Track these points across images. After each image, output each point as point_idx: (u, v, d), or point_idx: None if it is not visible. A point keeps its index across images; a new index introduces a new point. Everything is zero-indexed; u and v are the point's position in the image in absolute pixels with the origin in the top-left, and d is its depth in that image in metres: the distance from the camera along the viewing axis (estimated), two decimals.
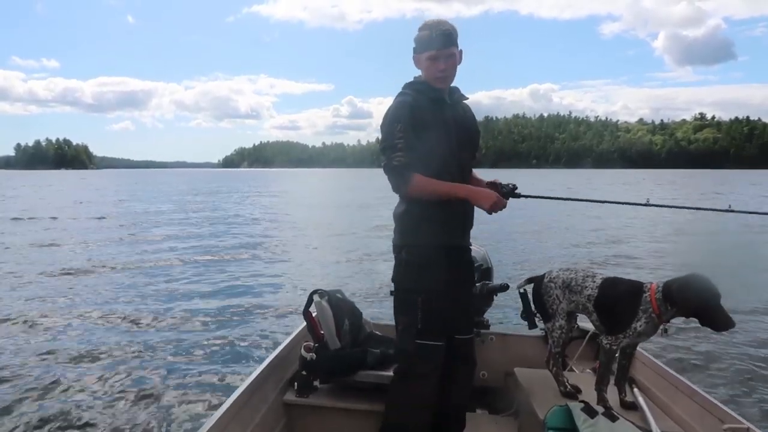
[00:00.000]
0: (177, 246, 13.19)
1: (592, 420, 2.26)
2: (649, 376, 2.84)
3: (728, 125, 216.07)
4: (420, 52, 2.33)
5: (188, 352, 5.50)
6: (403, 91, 2.38)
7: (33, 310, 7.13)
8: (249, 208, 26.37)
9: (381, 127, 2.33)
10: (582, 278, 2.60)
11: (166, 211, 24.68)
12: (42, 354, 5.48)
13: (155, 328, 6.29)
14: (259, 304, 7.52)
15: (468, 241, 2.51)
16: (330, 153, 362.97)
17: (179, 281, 9.03)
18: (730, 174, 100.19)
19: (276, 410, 2.66)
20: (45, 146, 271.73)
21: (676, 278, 2.34)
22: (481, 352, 3.24)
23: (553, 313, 2.68)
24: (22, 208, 24.79)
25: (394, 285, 2.44)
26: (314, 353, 2.76)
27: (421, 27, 2.34)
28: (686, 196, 33.70)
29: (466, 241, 2.50)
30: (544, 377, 2.82)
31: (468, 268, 2.53)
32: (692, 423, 2.39)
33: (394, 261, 2.43)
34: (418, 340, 2.32)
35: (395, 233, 2.43)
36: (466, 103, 2.52)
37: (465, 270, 2.50)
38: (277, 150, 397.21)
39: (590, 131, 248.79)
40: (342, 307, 2.88)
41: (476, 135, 2.55)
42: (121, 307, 7.34)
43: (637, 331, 2.40)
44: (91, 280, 9.21)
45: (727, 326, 2.22)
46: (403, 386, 2.40)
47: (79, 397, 4.44)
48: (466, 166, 2.46)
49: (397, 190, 2.31)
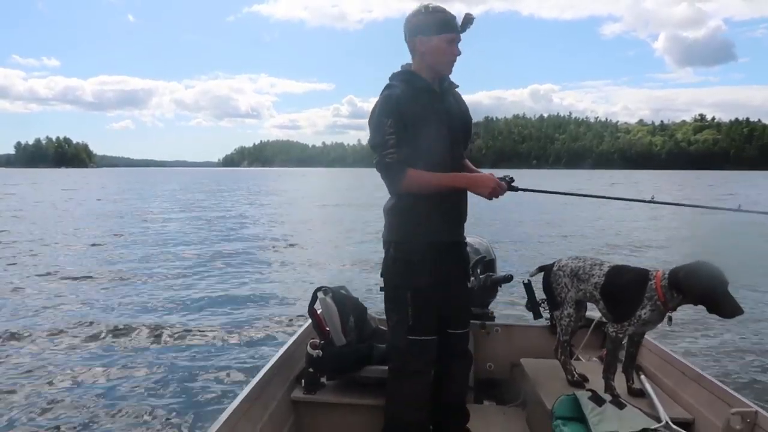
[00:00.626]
0: (179, 246, 13.14)
1: (600, 408, 2.25)
2: (655, 362, 2.83)
3: (728, 126, 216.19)
4: (432, 34, 2.20)
5: (195, 352, 5.48)
6: (390, 84, 2.29)
7: (35, 312, 7.08)
8: (250, 207, 26.36)
9: (369, 123, 2.25)
10: (590, 266, 2.59)
11: (168, 210, 24.68)
12: (48, 351, 5.48)
13: (161, 328, 6.24)
14: (264, 303, 7.51)
15: (460, 236, 2.44)
16: (330, 152, 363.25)
17: (183, 281, 8.98)
18: (730, 175, 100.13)
19: (284, 408, 2.65)
20: (45, 145, 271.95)
21: (682, 266, 2.31)
22: (487, 344, 3.24)
23: (562, 301, 2.67)
24: (18, 208, 24.78)
25: (384, 281, 2.40)
26: (320, 350, 2.74)
27: (429, 10, 2.22)
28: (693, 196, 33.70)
29: (458, 236, 2.42)
30: (550, 367, 2.81)
31: (460, 262, 2.45)
32: (700, 408, 2.38)
33: (384, 257, 2.38)
34: (410, 336, 2.28)
35: (384, 229, 2.38)
36: (457, 91, 2.43)
37: (457, 265, 2.42)
38: (278, 149, 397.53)
39: (590, 132, 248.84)
40: (347, 303, 2.86)
41: (468, 123, 2.45)
42: (126, 306, 7.32)
43: (643, 319, 2.39)
44: (90, 279, 9.18)
45: (735, 313, 2.18)
46: (398, 383, 2.37)
47: (85, 394, 4.44)
48: (459, 155, 2.39)
49: (392, 187, 2.25)
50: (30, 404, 4.27)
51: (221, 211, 23.98)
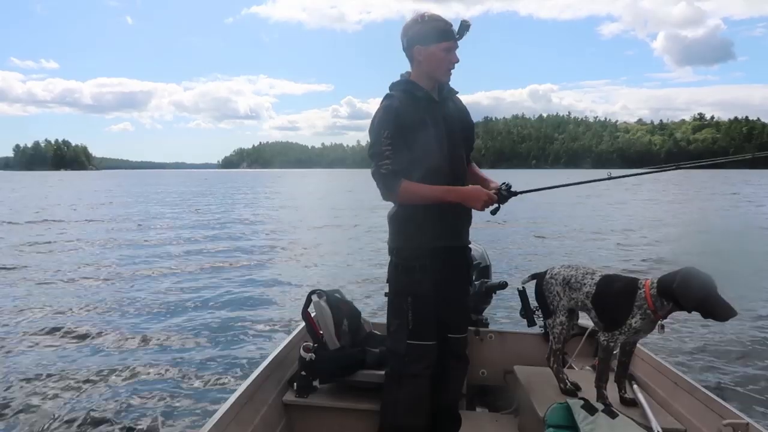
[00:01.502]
0: (174, 247, 13.15)
1: (592, 417, 2.26)
2: (648, 372, 2.84)
3: (727, 125, 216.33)
4: (430, 43, 2.23)
5: (187, 354, 5.47)
6: (389, 94, 2.32)
7: (31, 312, 7.11)
8: (247, 209, 26.34)
9: (369, 132, 2.29)
10: (581, 275, 2.60)
11: (164, 212, 24.65)
12: (42, 351, 5.49)
13: (152, 331, 6.24)
14: (257, 305, 7.50)
15: (463, 241, 2.46)
16: (329, 154, 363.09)
17: (176, 283, 8.96)
18: (729, 174, 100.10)
19: (276, 411, 2.65)
20: (44, 147, 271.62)
21: (669, 273, 2.32)
22: (481, 351, 3.24)
23: (554, 309, 2.67)
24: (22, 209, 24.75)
25: (388, 287, 2.45)
26: (313, 353, 2.75)
27: (426, 19, 2.24)
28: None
29: (461, 241, 2.44)
30: (543, 375, 2.81)
31: (462, 268, 2.47)
32: (692, 419, 2.38)
33: (388, 263, 2.43)
34: (409, 340, 2.32)
35: (389, 236, 2.42)
36: (458, 97, 2.45)
37: (459, 270, 2.44)
38: (277, 151, 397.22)
39: (589, 132, 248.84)
40: (341, 306, 2.87)
41: (469, 129, 2.48)
42: (117, 308, 7.31)
43: (633, 328, 2.39)
44: (85, 281, 9.19)
45: (729, 315, 2.19)
46: (396, 387, 2.39)
47: (78, 398, 4.43)
48: (459, 163, 2.39)
49: (386, 197, 2.30)
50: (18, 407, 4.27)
51: (218, 213, 23.93)
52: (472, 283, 2.74)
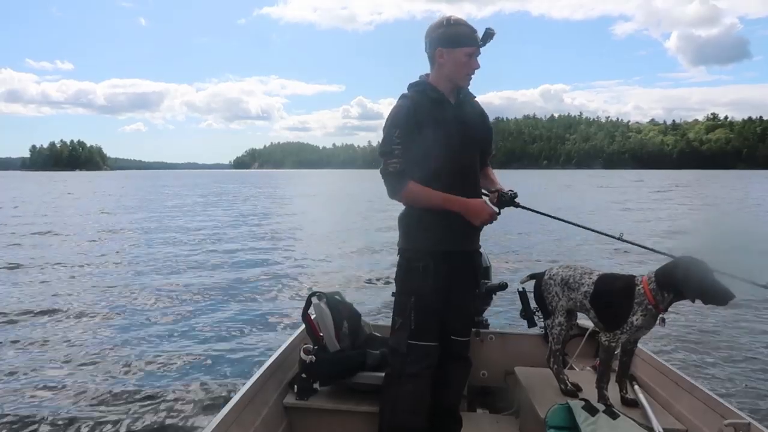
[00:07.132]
0: (175, 248, 13.16)
1: (593, 418, 2.25)
2: (649, 373, 2.83)
3: (741, 125, 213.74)
4: (455, 46, 2.25)
5: (188, 356, 5.46)
6: (404, 94, 2.36)
7: (34, 309, 7.19)
8: (253, 209, 26.34)
9: (383, 130, 2.32)
10: (580, 275, 2.59)
11: (167, 211, 24.76)
12: (43, 353, 5.53)
13: (154, 332, 6.25)
14: (257, 307, 7.47)
15: (473, 245, 2.45)
16: (340, 154, 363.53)
17: (176, 284, 8.94)
18: (743, 174, 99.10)
19: (276, 413, 2.65)
20: (60, 148, 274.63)
21: (665, 265, 2.34)
22: (481, 352, 3.23)
23: (553, 309, 2.67)
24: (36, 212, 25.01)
25: (395, 286, 2.46)
26: (313, 356, 2.75)
27: (451, 22, 2.26)
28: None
29: (469, 245, 2.44)
30: (544, 376, 2.80)
31: (469, 271, 2.46)
32: (693, 419, 2.37)
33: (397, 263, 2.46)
34: (411, 340, 2.33)
35: (399, 236, 2.44)
36: (476, 101, 2.46)
37: (465, 274, 2.43)
38: (288, 151, 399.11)
39: (601, 132, 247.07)
40: (341, 309, 2.88)
41: (485, 133, 2.47)
42: (118, 308, 7.35)
43: (635, 325, 2.39)
44: (85, 279, 9.28)
45: (728, 299, 2.20)
46: (395, 386, 2.39)
47: (78, 400, 4.44)
48: (471, 167, 2.38)
49: (392, 196, 2.33)
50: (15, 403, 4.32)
51: (223, 213, 23.93)
52: (480, 287, 2.72)
